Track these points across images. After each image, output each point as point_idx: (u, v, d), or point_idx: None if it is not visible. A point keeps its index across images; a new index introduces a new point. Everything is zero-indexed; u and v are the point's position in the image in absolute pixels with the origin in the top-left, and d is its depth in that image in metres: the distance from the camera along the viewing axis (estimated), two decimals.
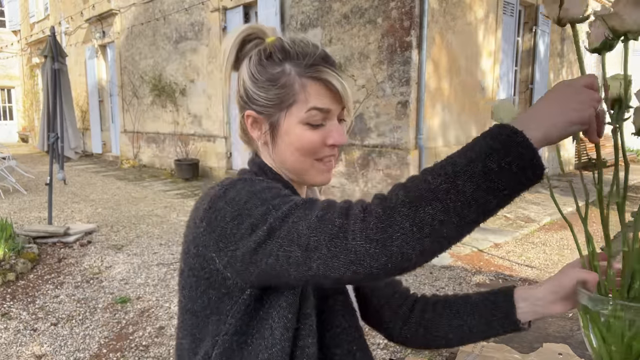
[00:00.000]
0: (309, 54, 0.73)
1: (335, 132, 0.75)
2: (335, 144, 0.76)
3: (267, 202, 0.63)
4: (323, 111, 0.73)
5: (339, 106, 0.75)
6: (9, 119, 19.93)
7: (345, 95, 0.74)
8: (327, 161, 0.78)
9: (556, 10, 0.56)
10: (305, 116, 0.73)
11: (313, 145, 0.74)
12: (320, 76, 0.72)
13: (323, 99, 0.73)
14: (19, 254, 4.26)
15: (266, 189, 0.66)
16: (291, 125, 0.74)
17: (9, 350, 2.84)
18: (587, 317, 0.63)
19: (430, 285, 3.83)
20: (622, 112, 0.61)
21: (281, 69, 0.73)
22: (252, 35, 0.76)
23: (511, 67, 8.25)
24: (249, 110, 0.76)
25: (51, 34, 5.21)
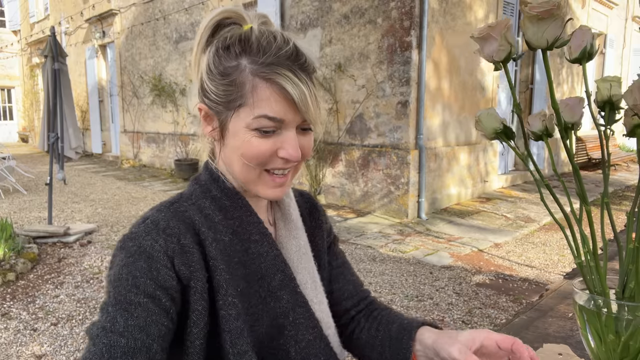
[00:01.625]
0: (270, 50, 0.64)
1: (288, 144, 0.67)
2: (286, 158, 0.67)
3: (106, 305, 0.61)
4: (274, 120, 0.65)
5: (297, 116, 0.66)
6: (9, 119, 19.93)
7: (303, 105, 0.65)
8: (279, 175, 0.70)
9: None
10: (252, 122, 0.65)
11: (259, 154, 0.67)
12: (274, 79, 0.64)
13: (275, 106, 0.64)
14: (19, 254, 4.26)
15: (120, 283, 0.62)
16: (238, 129, 0.67)
17: (9, 350, 2.84)
18: (584, 317, 0.64)
19: (430, 285, 3.83)
20: (613, 114, 0.61)
21: (236, 64, 0.65)
22: (229, 19, 0.69)
23: (511, 67, 8.25)
24: (201, 103, 0.71)
25: (51, 34, 5.21)
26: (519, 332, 1.10)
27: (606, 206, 0.63)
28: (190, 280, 0.65)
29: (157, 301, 0.62)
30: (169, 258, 0.64)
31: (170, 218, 0.68)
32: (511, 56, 0.60)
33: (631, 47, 13.10)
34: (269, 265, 0.72)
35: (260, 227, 0.73)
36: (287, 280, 0.73)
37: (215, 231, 0.70)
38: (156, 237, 0.65)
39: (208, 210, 0.71)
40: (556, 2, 0.53)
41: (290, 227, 0.80)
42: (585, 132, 10.67)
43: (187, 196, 0.74)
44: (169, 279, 0.63)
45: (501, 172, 7.99)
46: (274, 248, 0.74)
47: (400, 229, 5.49)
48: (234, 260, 0.70)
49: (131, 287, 0.61)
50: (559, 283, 1.57)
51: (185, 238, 0.66)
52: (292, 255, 0.78)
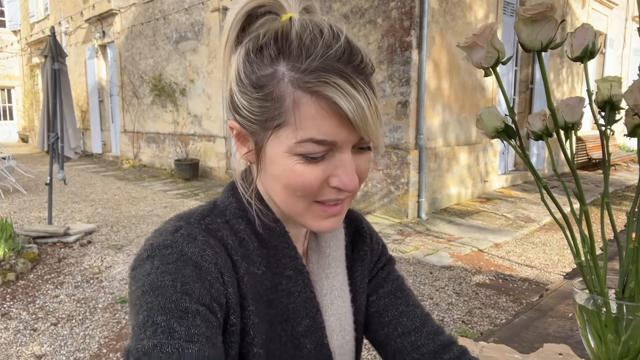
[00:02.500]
0: (315, 51, 0.49)
1: (342, 170, 0.53)
2: (339, 188, 0.54)
3: (149, 317, 0.48)
4: (324, 144, 0.51)
5: (353, 135, 0.52)
6: (9, 119, 19.93)
7: (361, 121, 0.50)
8: (331, 205, 0.56)
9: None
10: (295, 147, 0.51)
11: (306, 185, 0.53)
12: (321, 91, 0.49)
13: (324, 126, 0.50)
14: (19, 254, 4.26)
15: (165, 290, 0.49)
16: (278, 154, 0.53)
17: (9, 350, 2.84)
18: (584, 317, 0.64)
19: (430, 285, 3.83)
20: (613, 114, 0.61)
21: (272, 71, 0.51)
22: (263, 7, 0.54)
23: (511, 67, 8.24)
24: (233, 120, 0.57)
25: (51, 34, 5.21)
26: (519, 332, 1.10)
27: (606, 206, 0.63)
28: (232, 312, 0.54)
29: (214, 314, 0.51)
30: (219, 272, 0.53)
31: (207, 235, 0.57)
32: (499, 61, 0.60)
33: (631, 47, 13.10)
34: (298, 307, 0.61)
35: (297, 263, 0.62)
36: (315, 328, 0.62)
37: (249, 262, 0.58)
38: (203, 247, 0.54)
39: (243, 234, 0.60)
40: (549, 4, 0.54)
41: (324, 263, 0.67)
42: (585, 132, 10.67)
43: (221, 210, 0.61)
44: (221, 296, 0.52)
45: (501, 172, 7.99)
46: (307, 289, 0.62)
47: (400, 229, 5.49)
48: (262, 299, 0.59)
49: (182, 294, 0.49)
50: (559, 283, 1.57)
51: (223, 258, 0.55)
52: (321, 299, 0.65)
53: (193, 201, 7.16)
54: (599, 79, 0.61)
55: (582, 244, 0.63)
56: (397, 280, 0.75)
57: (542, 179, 0.64)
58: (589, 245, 0.63)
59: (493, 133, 0.66)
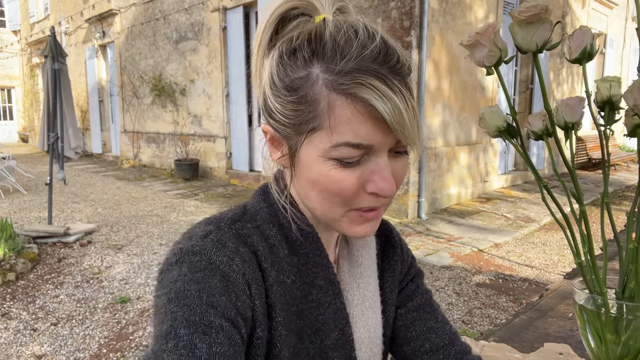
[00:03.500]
0: (350, 52, 0.48)
1: (379, 175, 0.51)
2: (376, 194, 0.52)
3: (173, 328, 0.47)
4: (360, 147, 0.50)
5: (389, 138, 0.50)
6: (9, 119, 19.93)
7: (398, 124, 0.48)
8: (367, 211, 0.54)
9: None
10: (330, 150, 0.50)
11: (343, 191, 0.52)
12: (357, 93, 0.48)
13: (360, 130, 0.49)
14: (19, 254, 4.26)
15: (191, 301, 0.48)
16: (312, 158, 0.52)
17: (9, 350, 2.84)
18: (584, 317, 0.64)
19: (430, 285, 3.83)
20: (613, 114, 0.61)
21: (305, 73, 0.50)
22: (296, 9, 0.52)
23: (511, 67, 8.25)
24: (266, 124, 0.56)
25: (51, 34, 5.21)
26: (519, 332, 1.10)
27: (606, 206, 0.63)
28: (259, 324, 0.53)
29: (238, 329, 0.49)
30: (247, 283, 0.52)
31: (237, 241, 0.55)
32: (502, 60, 0.60)
33: (631, 47, 13.10)
34: (328, 318, 0.59)
35: (328, 272, 0.60)
36: (344, 341, 0.60)
37: (279, 270, 0.57)
38: (232, 256, 0.52)
39: (274, 240, 0.58)
40: (544, 6, 0.54)
41: (356, 273, 0.65)
42: (585, 132, 10.67)
43: (252, 215, 0.60)
44: (247, 309, 0.51)
45: (501, 172, 7.99)
46: (338, 300, 0.60)
47: (400, 229, 5.49)
48: (291, 309, 0.57)
49: (207, 306, 0.48)
50: (559, 283, 1.57)
51: (252, 267, 0.54)
52: (352, 309, 0.63)
53: (193, 201, 7.16)
54: (598, 79, 0.61)
55: (582, 244, 0.63)
56: (426, 295, 0.73)
57: (542, 179, 0.64)
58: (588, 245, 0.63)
59: (495, 132, 0.66)
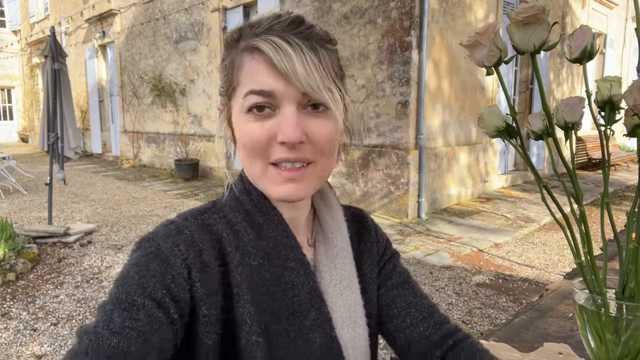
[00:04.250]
0: (264, 22, 0.56)
1: (284, 124, 0.55)
2: (284, 142, 0.56)
3: (105, 303, 0.53)
4: (263, 94, 0.55)
5: (291, 88, 0.55)
6: (9, 119, 19.93)
7: (291, 71, 0.53)
8: (287, 168, 0.58)
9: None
10: (243, 102, 0.57)
11: (255, 140, 0.56)
12: (258, 47, 0.55)
13: (260, 78, 0.55)
14: (19, 254, 4.26)
15: (126, 281, 0.54)
16: (237, 116, 0.59)
17: (9, 350, 2.84)
18: (584, 317, 0.64)
19: (430, 285, 3.83)
20: (613, 114, 0.61)
21: (233, 48, 0.60)
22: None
23: (511, 67, 8.25)
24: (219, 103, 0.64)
25: (51, 34, 5.21)
26: (519, 332, 1.10)
27: (606, 206, 0.63)
28: (203, 304, 0.56)
29: (164, 310, 0.53)
30: (186, 268, 0.56)
31: (197, 229, 0.60)
32: (502, 60, 0.60)
33: (631, 47, 13.09)
34: (303, 299, 0.61)
35: (298, 252, 0.62)
36: (322, 320, 0.62)
37: (244, 253, 0.60)
38: (177, 242, 0.57)
39: (239, 227, 0.62)
40: (541, 6, 0.54)
41: (332, 254, 0.68)
42: (585, 132, 10.67)
43: (220, 206, 0.65)
44: (182, 291, 0.55)
45: (501, 172, 7.99)
46: (311, 280, 0.62)
47: (400, 229, 5.48)
48: (261, 289, 0.59)
49: (137, 287, 0.53)
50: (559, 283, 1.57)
51: (208, 254, 0.58)
52: (330, 289, 0.65)
53: (193, 201, 7.16)
54: (598, 79, 0.61)
55: (582, 244, 0.63)
56: (404, 273, 0.77)
57: (542, 179, 0.64)
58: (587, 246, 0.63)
59: (494, 132, 0.66)
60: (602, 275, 0.64)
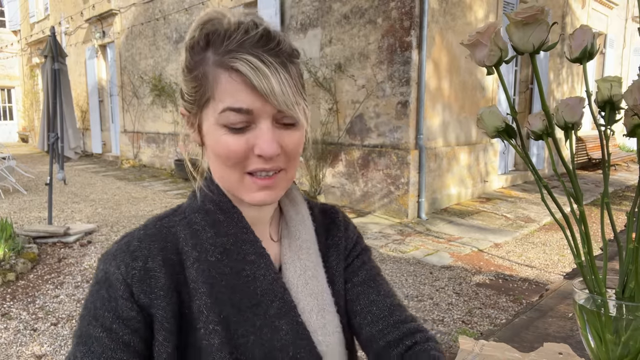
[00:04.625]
0: (234, 37, 0.58)
1: (261, 139, 0.59)
2: (261, 155, 0.59)
3: (73, 337, 0.61)
4: (241, 112, 0.58)
5: (268, 105, 0.58)
6: (9, 119, 19.93)
7: (269, 92, 0.57)
8: (262, 176, 0.61)
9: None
10: (218, 117, 0.59)
11: (233, 154, 0.60)
12: (234, 66, 0.57)
13: (239, 96, 0.58)
14: (19, 254, 4.26)
15: (86, 314, 0.61)
16: (209, 127, 0.61)
17: (9, 350, 2.84)
18: (584, 317, 0.64)
19: (430, 285, 3.83)
20: (613, 114, 0.61)
21: (202, 57, 0.60)
22: (212, 21, 0.62)
23: (511, 67, 8.25)
24: (182, 107, 0.66)
25: (51, 34, 5.21)
26: (519, 332, 1.10)
27: (606, 206, 0.63)
28: (152, 308, 0.61)
29: (113, 335, 0.59)
30: (127, 286, 0.60)
31: (146, 238, 0.64)
32: (502, 60, 0.60)
33: (631, 47, 13.10)
34: (265, 290, 0.65)
35: (257, 246, 0.66)
36: (287, 308, 0.65)
37: (201, 250, 0.64)
38: (119, 263, 0.61)
39: (197, 226, 0.66)
40: (540, 7, 0.54)
41: (295, 246, 0.72)
42: (585, 132, 10.67)
43: (182, 209, 0.69)
44: (127, 310, 0.60)
45: (501, 172, 7.99)
46: (271, 271, 0.66)
47: (400, 229, 5.49)
48: (220, 283, 0.63)
49: (92, 318, 0.60)
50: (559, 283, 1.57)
51: (154, 261, 0.62)
52: (295, 279, 0.69)
53: None
54: (599, 79, 0.61)
55: (582, 244, 0.63)
56: (372, 270, 0.78)
57: (542, 179, 0.64)
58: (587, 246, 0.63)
59: (494, 133, 0.66)
60: (602, 275, 0.64)
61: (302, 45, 6.87)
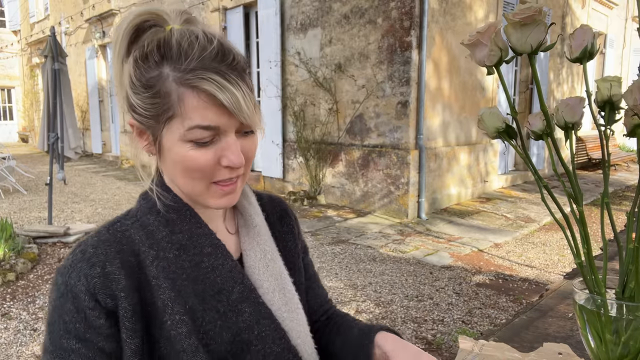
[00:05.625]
0: (192, 53, 0.59)
1: (229, 151, 0.62)
2: (229, 166, 0.63)
3: (44, 353, 0.63)
4: (209, 129, 0.60)
5: (232, 120, 0.61)
6: (9, 119, 19.93)
7: (236, 109, 0.59)
8: (228, 184, 0.66)
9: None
10: (185, 134, 0.60)
11: (201, 167, 0.62)
12: (200, 85, 0.58)
13: (207, 114, 0.59)
14: (19, 254, 4.26)
15: (53, 328, 0.62)
16: (173, 143, 0.62)
17: (9, 350, 2.84)
18: (584, 317, 0.64)
19: (430, 286, 3.83)
20: (613, 114, 0.61)
21: (158, 73, 0.60)
22: (148, 22, 0.63)
23: (511, 67, 8.25)
24: (131, 118, 0.66)
25: (51, 34, 5.21)
26: (519, 332, 1.10)
27: (606, 206, 0.63)
28: (117, 309, 0.63)
29: (89, 344, 0.61)
30: (91, 296, 0.62)
31: (100, 243, 0.65)
32: (502, 60, 0.60)
33: (631, 47, 13.10)
34: (225, 278, 0.68)
35: (212, 238, 0.69)
36: (247, 291, 0.70)
37: (158, 249, 0.67)
38: (79, 274, 0.62)
39: (152, 227, 0.68)
40: (538, 7, 0.54)
41: (253, 233, 0.77)
42: (585, 132, 10.67)
43: (133, 213, 0.71)
44: (95, 319, 0.62)
45: (501, 172, 7.99)
46: (228, 259, 0.70)
47: (400, 229, 5.49)
48: (181, 277, 0.66)
49: (63, 332, 0.61)
50: (559, 283, 1.57)
51: (112, 264, 0.64)
52: (257, 263, 0.74)
53: None
54: (599, 79, 0.61)
55: (582, 244, 0.63)
56: (312, 265, 0.90)
57: (542, 179, 0.64)
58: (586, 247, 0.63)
59: (494, 133, 0.66)
60: (602, 275, 0.64)
61: (302, 45, 6.88)
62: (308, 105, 6.93)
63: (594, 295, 0.63)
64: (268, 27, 7.24)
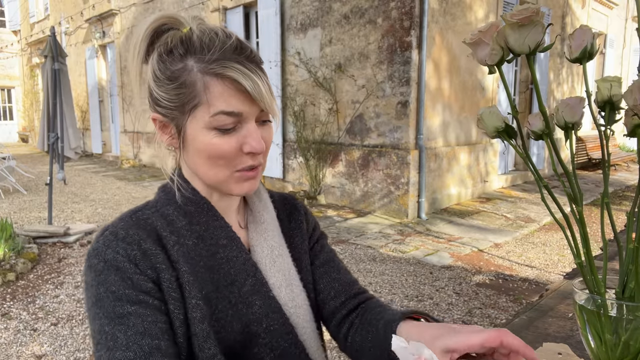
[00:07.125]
0: (214, 46, 0.64)
1: (251, 137, 0.66)
2: (252, 152, 0.67)
3: (101, 326, 0.61)
4: (232, 115, 0.64)
5: (254, 107, 0.65)
6: (9, 119, 19.93)
7: (258, 95, 0.64)
8: (248, 170, 0.69)
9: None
10: (210, 121, 0.64)
11: (225, 154, 0.66)
12: (224, 73, 0.63)
13: (231, 101, 0.64)
14: (19, 254, 4.26)
15: (104, 302, 0.62)
16: (197, 131, 0.65)
17: (9, 350, 2.84)
18: (584, 317, 0.64)
19: (430, 286, 3.83)
20: (613, 114, 0.61)
21: (182, 65, 0.64)
22: (166, 25, 0.68)
23: (511, 67, 8.25)
24: (154, 112, 0.70)
25: (51, 34, 5.21)
26: (519, 332, 1.10)
27: (606, 206, 0.63)
28: (160, 280, 0.65)
29: (145, 304, 0.62)
30: (134, 265, 0.64)
31: (130, 227, 0.67)
32: (504, 59, 0.60)
33: (631, 47, 13.10)
34: (238, 270, 0.71)
35: (227, 231, 0.72)
36: (259, 285, 0.72)
37: (179, 235, 0.69)
38: (117, 249, 0.64)
39: (172, 217, 0.71)
40: (535, 8, 0.54)
41: (261, 229, 0.79)
42: (585, 132, 10.67)
43: (152, 204, 0.73)
44: (144, 283, 0.64)
45: (501, 172, 7.99)
46: (243, 252, 0.72)
47: (400, 229, 5.49)
48: (199, 264, 0.69)
49: (115, 301, 0.61)
50: (559, 283, 1.57)
51: (146, 242, 0.66)
52: (264, 259, 0.76)
53: None
54: (599, 79, 0.61)
55: (582, 244, 0.63)
56: (330, 252, 0.88)
57: (542, 179, 0.64)
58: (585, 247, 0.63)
59: (494, 133, 0.66)
60: (602, 275, 0.64)
61: (302, 45, 6.88)
62: (308, 105, 6.93)
63: (594, 295, 0.63)
64: (268, 27, 7.24)
